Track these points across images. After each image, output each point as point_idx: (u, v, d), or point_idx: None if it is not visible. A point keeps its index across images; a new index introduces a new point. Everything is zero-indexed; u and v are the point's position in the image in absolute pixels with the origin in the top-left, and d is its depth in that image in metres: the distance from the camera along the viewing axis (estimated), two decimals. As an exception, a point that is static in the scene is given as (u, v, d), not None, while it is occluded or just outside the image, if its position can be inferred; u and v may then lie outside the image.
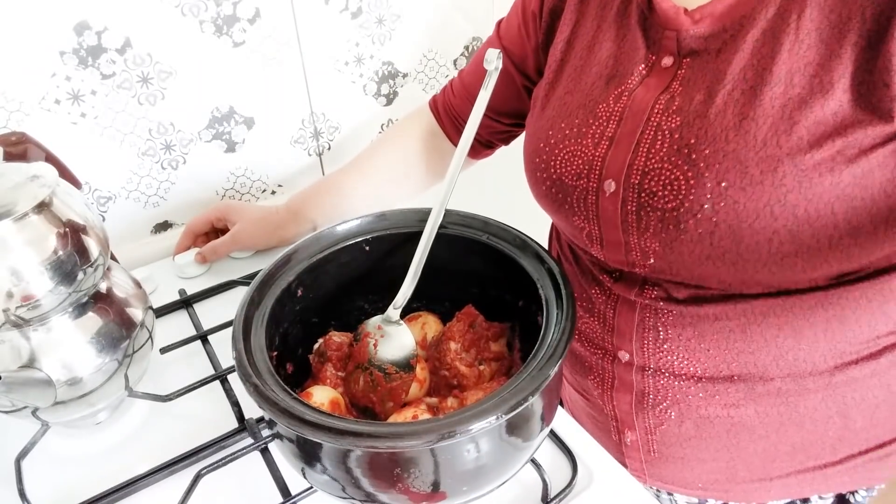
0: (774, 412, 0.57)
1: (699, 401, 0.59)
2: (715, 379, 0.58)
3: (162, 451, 0.61)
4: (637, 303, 0.60)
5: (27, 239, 0.51)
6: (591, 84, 0.59)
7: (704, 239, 0.50)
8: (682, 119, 0.51)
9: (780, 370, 0.55)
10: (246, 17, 0.86)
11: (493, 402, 0.44)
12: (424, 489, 0.46)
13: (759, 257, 0.49)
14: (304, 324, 0.62)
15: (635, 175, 0.53)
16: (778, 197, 0.47)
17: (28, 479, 0.59)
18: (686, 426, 0.61)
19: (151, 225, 0.94)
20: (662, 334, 0.59)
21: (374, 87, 1.03)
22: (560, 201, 0.61)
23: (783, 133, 0.46)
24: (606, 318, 0.63)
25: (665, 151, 0.51)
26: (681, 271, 0.54)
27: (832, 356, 0.54)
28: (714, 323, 0.56)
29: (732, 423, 0.59)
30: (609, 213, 0.56)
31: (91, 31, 0.77)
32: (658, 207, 0.52)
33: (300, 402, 0.46)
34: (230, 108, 0.91)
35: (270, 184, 1.01)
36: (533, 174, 0.63)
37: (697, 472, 0.64)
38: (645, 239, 0.54)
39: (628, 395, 0.64)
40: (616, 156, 0.54)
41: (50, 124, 0.79)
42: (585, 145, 0.57)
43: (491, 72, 0.60)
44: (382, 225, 0.63)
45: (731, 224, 0.48)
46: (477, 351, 0.59)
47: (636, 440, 0.66)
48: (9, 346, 0.55)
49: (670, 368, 0.59)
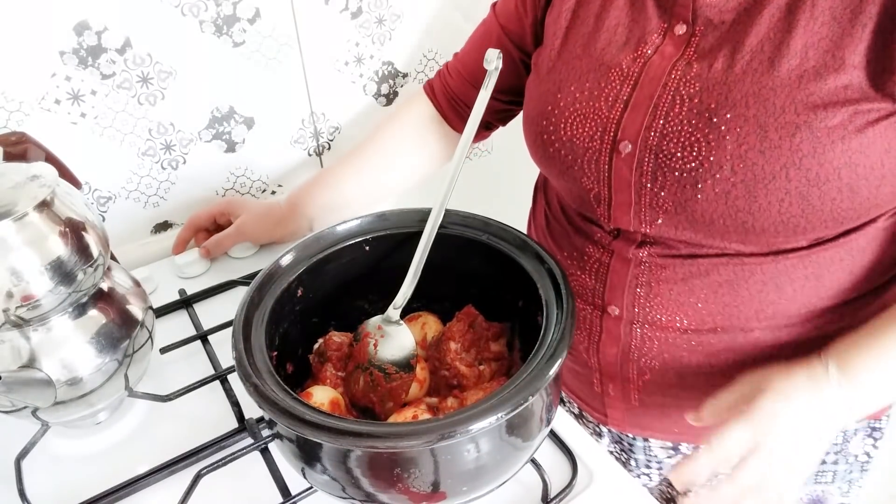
0: (750, 360, 0.60)
1: (683, 351, 0.62)
2: (700, 330, 0.61)
3: (162, 451, 0.61)
4: (632, 259, 0.62)
5: (27, 239, 0.51)
6: (602, 50, 0.60)
7: (720, 198, 0.53)
8: (702, 85, 0.54)
9: (760, 322, 0.59)
10: (246, 17, 0.86)
11: (493, 402, 0.44)
12: (424, 489, 0.46)
13: (769, 216, 0.53)
14: (304, 324, 0.62)
15: (653, 137, 0.55)
16: (794, 160, 0.50)
17: (28, 479, 0.59)
18: (668, 377, 0.64)
19: (151, 225, 0.94)
20: (654, 289, 0.61)
21: (374, 87, 1.03)
22: (569, 163, 0.62)
23: (800, 102, 0.50)
24: (599, 274, 0.65)
25: (685, 115, 0.54)
26: (686, 231, 0.57)
27: (806, 309, 0.59)
28: (705, 278, 0.59)
29: (712, 371, 0.62)
30: (622, 173, 0.58)
31: (91, 31, 0.77)
32: (676, 168, 0.55)
33: (300, 402, 0.46)
34: (230, 108, 0.91)
35: (270, 184, 1.01)
36: (539, 137, 0.64)
37: (675, 418, 0.67)
38: (658, 199, 0.57)
39: (615, 347, 0.66)
40: (633, 118, 0.57)
41: (50, 124, 0.79)
42: (599, 108, 0.59)
43: (491, 72, 0.60)
44: (382, 225, 0.63)
45: (748, 184, 0.52)
46: (477, 351, 0.59)
47: (619, 391, 0.68)
48: (9, 346, 0.55)
49: (658, 321, 0.62)
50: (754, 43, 0.52)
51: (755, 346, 0.60)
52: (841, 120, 0.49)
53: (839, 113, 0.49)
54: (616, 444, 0.79)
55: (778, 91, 0.51)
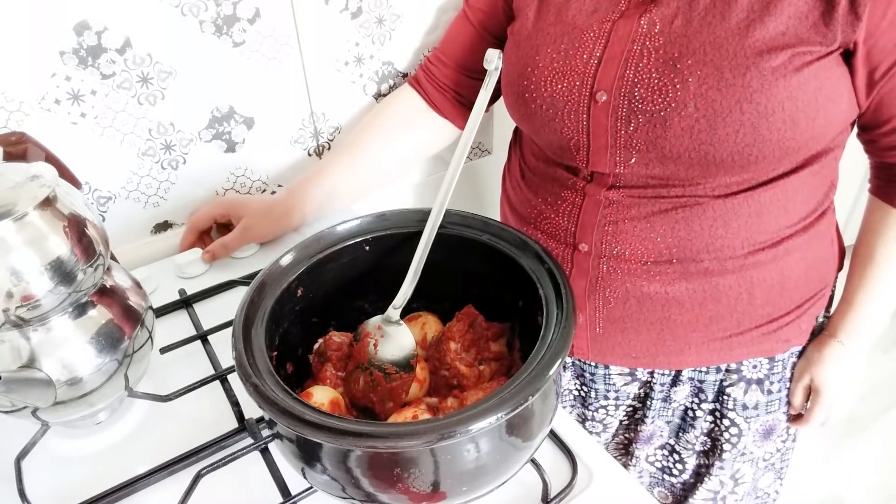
0: (700, 289, 0.71)
1: (643, 281, 0.71)
2: (658, 262, 0.70)
3: (162, 451, 0.61)
4: (602, 201, 0.70)
5: (27, 239, 0.51)
6: (573, 16, 0.69)
7: (686, 133, 0.62)
8: (665, 38, 0.62)
9: (710, 254, 0.69)
10: (246, 17, 0.86)
11: (493, 402, 0.44)
12: (424, 489, 0.46)
13: (727, 147, 0.61)
14: (304, 324, 0.62)
15: (626, 85, 0.64)
16: (746, 95, 0.59)
17: (28, 479, 0.59)
18: (629, 304, 0.73)
19: (151, 225, 0.94)
20: (620, 227, 0.70)
21: (374, 87, 1.03)
22: (550, 117, 0.69)
23: (748, 47, 0.59)
24: (572, 215, 0.73)
25: (652, 64, 0.63)
26: (656, 167, 0.65)
27: (748, 244, 0.69)
28: (665, 215, 0.68)
29: (667, 298, 0.71)
30: (600, 120, 0.66)
31: (91, 31, 0.77)
32: (646, 111, 0.63)
33: (300, 402, 0.46)
34: (230, 108, 0.91)
35: (270, 184, 1.01)
36: (520, 97, 0.72)
37: (633, 343, 0.76)
38: (632, 140, 0.65)
39: (583, 280, 0.74)
40: (606, 72, 0.65)
41: (50, 124, 0.79)
42: (575, 65, 0.67)
43: (491, 71, 0.60)
44: (382, 225, 0.63)
45: (709, 119, 0.60)
46: (477, 351, 0.59)
47: (585, 321, 0.77)
48: (9, 346, 0.55)
49: (622, 255, 0.71)
50: (707, 1, 0.61)
51: (704, 275, 0.70)
52: (782, 61, 0.59)
53: (780, 55, 0.59)
54: (577, 380, 0.88)
55: (730, 39, 0.60)
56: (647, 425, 0.87)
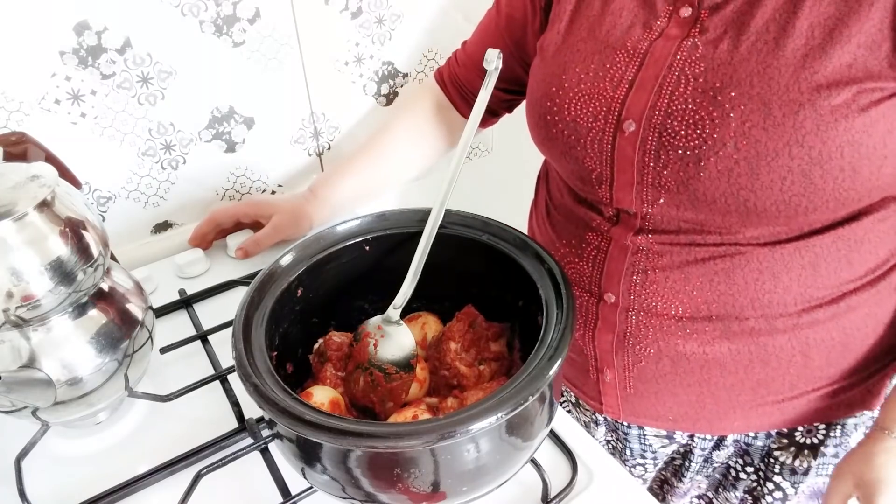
0: (745, 350, 0.62)
1: (678, 339, 0.63)
2: (695, 318, 0.62)
3: (162, 451, 0.61)
4: (630, 246, 0.63)
5: (27, 239, 0.51)
6: (607, 32, 0.61)
7: (723, 176, 0.53)
8: (707, 65, 0.54)
9: (755, 311, 0.60)
10: (246, 17, 0.86)
11: (493, 402, 0.44)
12: (424, 489, 0.46)
13: (771, 195, 0.53)
14: (304, 324, 0.62)
15: (658, 116, 0.56)
16: (797, 138, 0.51)
17: (28, 479, 0.59)
18: (663, 363, 0.65)
19: (151, 225, 0.94)
20: (651, 276, 0.62)
21: (374, 87, 1.03)
22: (572, 143, 0.62)
23: (804, 80, 0.51)
24: (597, 261, 0.66)
25: (690, 93, 0.55)
26: (688, 210, 0.57)
27: (802, 300, 0.59)
28: (701, 266, 0.60)
29: (706, 359, 0.63)
30: (626, 152, 0.58)
31: (91, 31, 0.77)
32: (679, 146, 0.55)
33: (300, 402, 0.46)
34: (230, 108, 0.91)
35: (270, 184, 1.01)
36: (542, 118, 0.65)
37: (669, 405, 0.68)
38: (661, 178, 0.57)
39: (610, 334, 0.67)
40: (637, 98, 0.57)
41: (50, 124, 0.79)
42: (603, 88, 0.60)
43: (491, 71, 0.60)
44: (382, 225, 0.63)
45: (750, 161, 0.52)
46: (477, 351, 0.59)
47: (614, 378, 0.69)
48: (9, 346, 0.55)
49: (654, 309, 0.63)
50: (759, 24, 0.53)
51: (750, 335, 0.61)
52: (845, 99, 0.50)
53: (843, 91, 0.50)
54: (612, 434, 0.81)
55: (782, 70, 0.51)
56: (685, 483, 0.80)
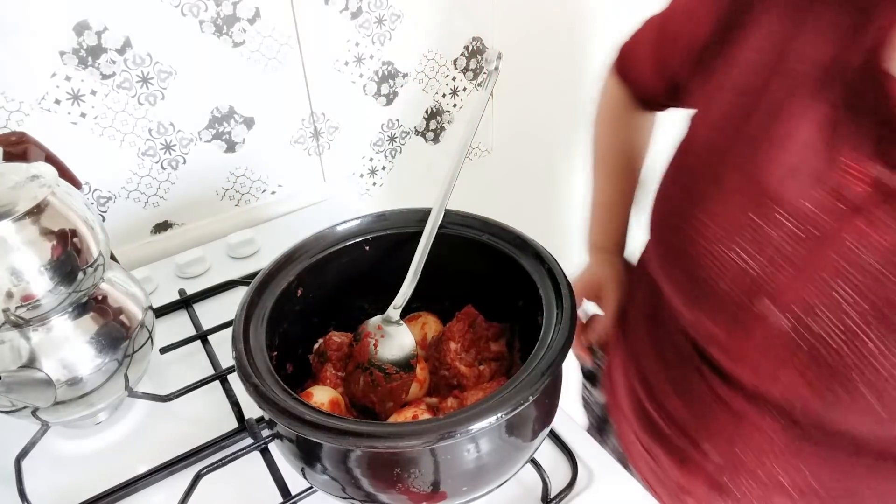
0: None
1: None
2: (805, 493, 0.53)
3: (162, 451, 0.61)
4: (740, 412, 0.54)
5: (27, 239, 0.51)
6: (763, 164, 0.45)
7: (874, 403, 0.43)
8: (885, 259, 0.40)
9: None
10: (246, 17, 0.86)
11: (493, 402, 0.44)
12: (424, 489, 0.46)
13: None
14: (304, 324, 0.62)
15: (809, 314, 0.44)
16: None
17: (28, 479, 0.59)
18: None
19: (151, 225, 0.94)
20: (768, 465, 0.54)
21: (374, 87, 1.03)
22: (696, 295, 0.51)
23: None
24: (696, 411, 0.56)
25: (852, 300, 0.41)
26: (823, 419, 0.48)
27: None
28: (825, 458, 0.51)
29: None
30: (756, 330, 0.48)
31: (91, 31, 0.77)
32: (823, 358, 0.44)
33: (300, 402, 0.46)
34: (230, 108, 0.91)
35: (270, 184, 1.01)
36: (671, 247, 0.52)
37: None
38: (799, 385, 0.47)
39: (704, 485, 0.60)
40: (785, 280, 0.45)
41: (50, 124, 0.79)
42: (744, 254, 0.47)
43: (491, 72, 0.60)
44: (382, 225, 0.63)
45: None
46: (477, 351, 0.59)
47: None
48: (9, 346, 0.55)
49: (758, 478, 0.55)
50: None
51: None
52: None
53: None
54: None
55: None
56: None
